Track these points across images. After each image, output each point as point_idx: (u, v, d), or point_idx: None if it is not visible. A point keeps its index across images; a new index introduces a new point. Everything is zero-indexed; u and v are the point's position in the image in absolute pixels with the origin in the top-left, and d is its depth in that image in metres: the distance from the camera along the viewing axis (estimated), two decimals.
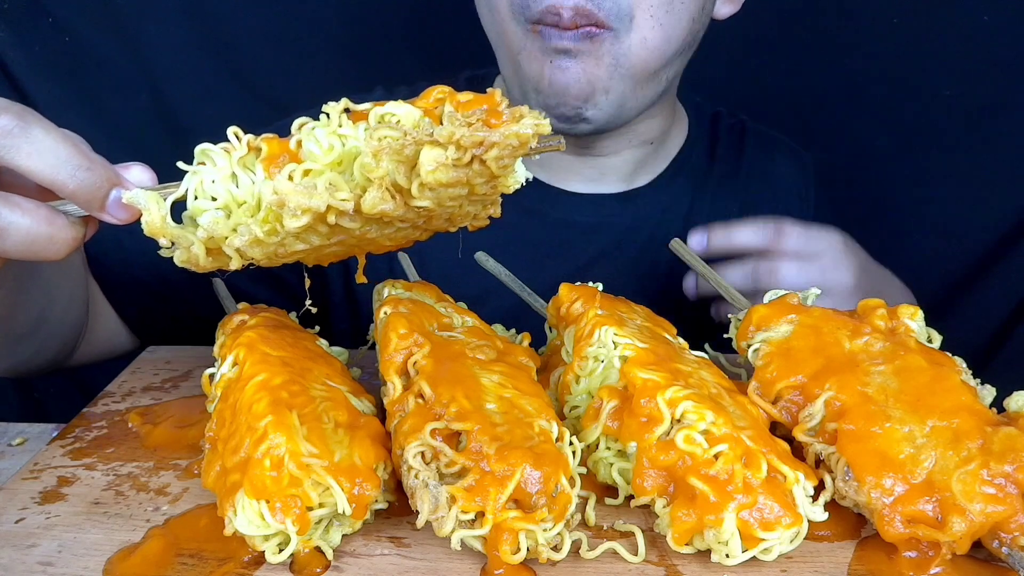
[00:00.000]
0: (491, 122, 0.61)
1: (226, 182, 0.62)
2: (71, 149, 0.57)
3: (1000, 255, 1.54)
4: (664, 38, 0.96)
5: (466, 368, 0.70)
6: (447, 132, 0.59)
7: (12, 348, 0.90)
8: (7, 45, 1.41)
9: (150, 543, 0.65)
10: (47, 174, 0.56)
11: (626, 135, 1.11)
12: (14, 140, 0.55)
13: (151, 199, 0.61)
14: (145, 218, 0.61)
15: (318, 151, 0.61)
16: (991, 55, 1.43)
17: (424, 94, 0.65)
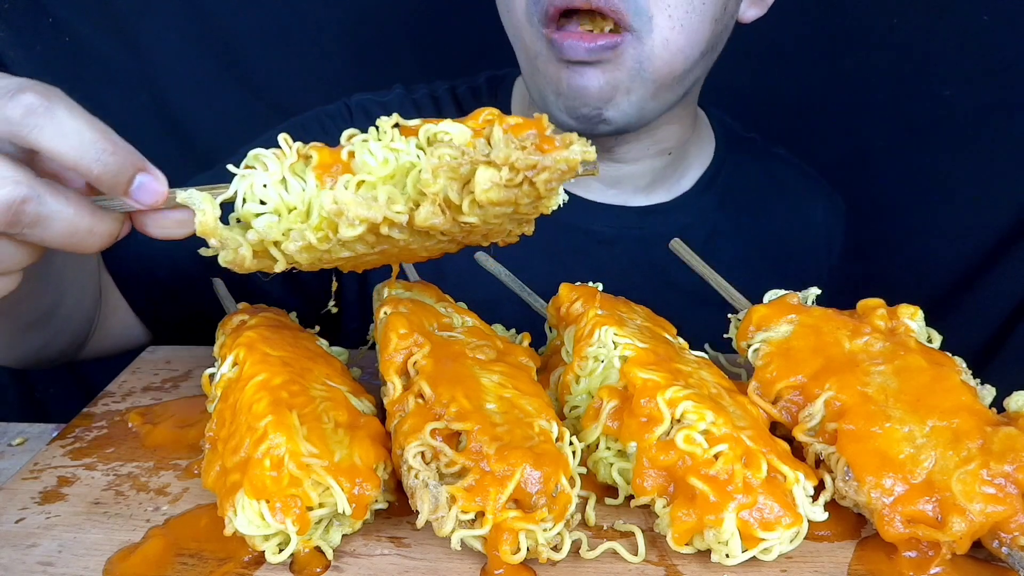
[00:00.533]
0: (543, 147, 0.64)
1: (277, 187, 0.62)
2: (96, 132, 0.56)
3: (1000, 255, 1.54)
4: (687, 40, 0.95)
5: (466, 368, 0.70)
6: (503, 154, 0.62)
7: (22, 337, 0.90)
8: (7, 45, 1.41)
9: (150, 543, 0.65)
10: (72, 156, 0.55)
11: (644, 141, 1.10)
12: (38, 120, 0.54)
13: (205, 200, 0.61)
14: (199, 218, 0.61)
15: (373, 164, 0.63)
16: (991, 55, 1.43)
17: (473, 115, 0.66)
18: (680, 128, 1.13)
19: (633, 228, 1.16)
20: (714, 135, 1.24)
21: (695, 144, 1.20)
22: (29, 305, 0.84)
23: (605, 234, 1.15)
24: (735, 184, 1.21)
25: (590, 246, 1.15)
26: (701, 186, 1.19)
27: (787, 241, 1.22)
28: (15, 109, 0.53)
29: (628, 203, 1.16)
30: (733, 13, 1.03)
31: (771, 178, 1.25)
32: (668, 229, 1.13)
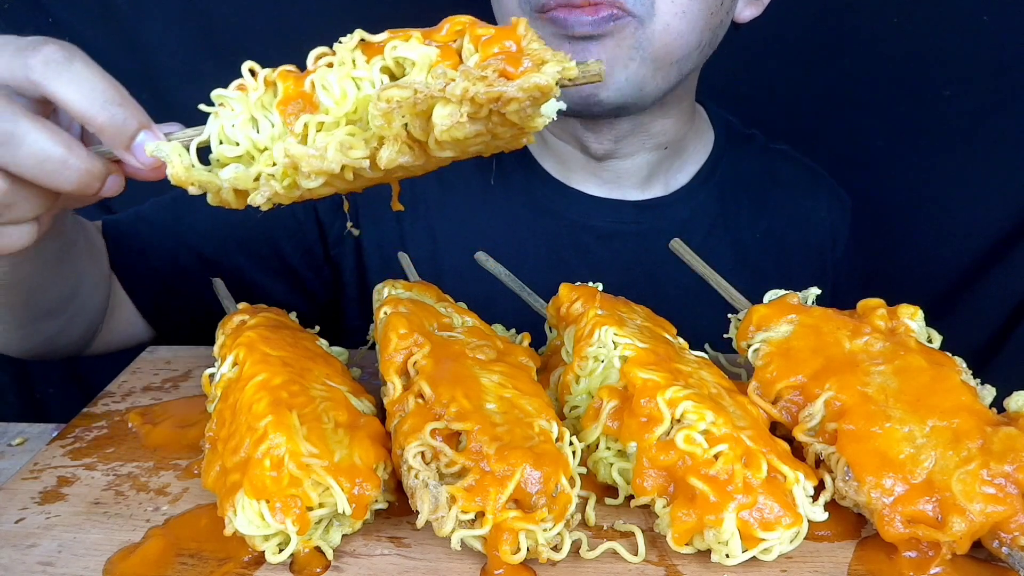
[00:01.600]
0: (510, 71, 0.56)
1: (245, 127, 0.60)
2: (108, 86, 0.59)
3: (1000, 255, 1.54)
4: (688, 26, 0.96)
5: (466, 368, 0.70)
6: (460, 89, 0.55)
7: (41, 324, 0.92)
8: None
9: (150, 543, 0.65)
10: (80, 105, 0.57)
11: (640, 136, 1.10)
12: (56, 69, 0.57)
13: (174, 151, 0.60)
14: (169, 170, 0.60)
15: (330, 103, 0.58)
16: (991, 55, 1.43)
17: (439, 26, 0.60)
18: (676, 122, 1.13)
19: (630, 223, 1.16)
20: (714, 131, 1.24)
21: (692, 139, 1.19)
22: (52, 290, 0.87)
23: (602, 229, 1.15)
24: (734, 179, 1.21)
25: (587, 241, 1.15)
26: (699, 180, 1.19)
27: (788, 237, 1.21)
28: (36, 59, 0.56)
29: (625, 197, 1.16)
30: (729, 10, 1.03)
31: (772, 174, 1.25)
32: (666, 224, 1.13)
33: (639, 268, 1.14)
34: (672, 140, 1.14)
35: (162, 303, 1.10)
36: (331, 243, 1.17)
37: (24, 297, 0.84)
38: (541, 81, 0.56)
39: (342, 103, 0.58)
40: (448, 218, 1.16)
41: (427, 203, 1.16)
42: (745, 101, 1.35)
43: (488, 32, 0.58)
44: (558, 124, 1.10)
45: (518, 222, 1.15)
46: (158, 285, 1.08)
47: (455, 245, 1.14)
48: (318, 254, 1.17)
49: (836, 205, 1.27)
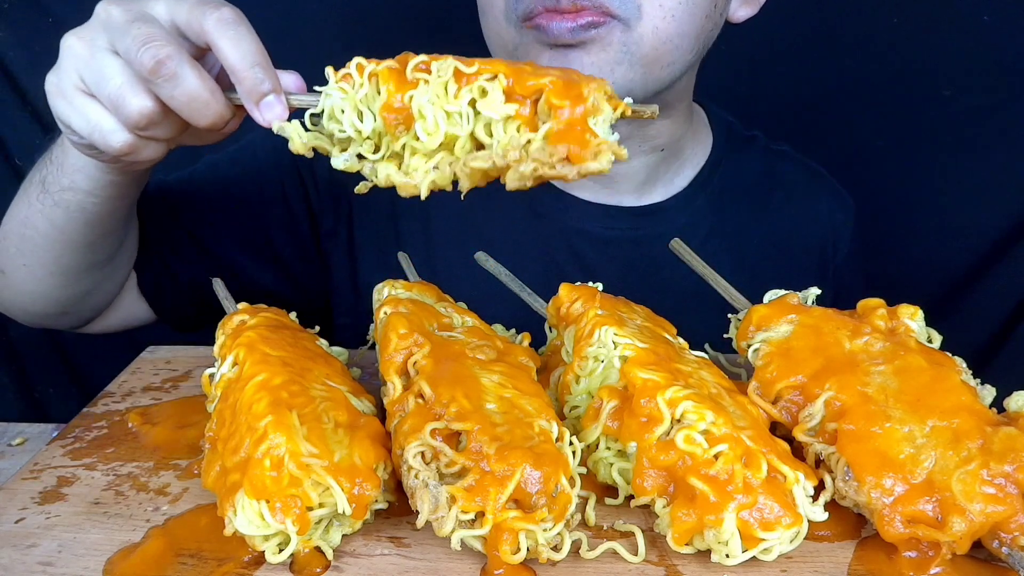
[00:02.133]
0: (572, 153, 0.67)
1: (352, 115, 0.70)
2: (258, 50, 0.70)
3: (1000, 255, 1.53)
4: (677, 30, 0.95)
5: (466, 368, 0.70)
6: (529, 169, 0.67)
7: (84, 276, 0.98)
8: (7, 45, 1.41)
9: (150, 543, 0.65)
10: (233, 59, 0.69)
11: (636, 139, 1.09)
12: (226, 28, 0.69)
13: (295, 130, 0.70)
14: (290, 144, 0.71)
15: (424, 135, 0.69)
16: (991, 55, 1.43)
17: (524, 77, 0.68)
18: (673, 123, 1.12)
19: (627, 229, 1.15)
20: (713, 133, 1.23)
21: (690, 141, 1.18)
22: (110, 238, 0.96)
23: (599, 235, 1.15)
24: (733, 182, 1.20)
25: (584, 247, 1.14)
26: (697, 185, 1.18)
27: (788, 239, 1.21)
28: (213, 15, 0.70)
29: (622, 203, 1.15)
30: (723, 11, 1.02)
31: (772, 175, 1.24)
32: (663, 230, 1.12)
33: (636, 274, 1.13)
34: (669, 142, 1.13)
35: (161, 283, 1.11)
36: (323, 235, 1.17)
37: (92, 238, 0.92)
38: (594, 168, 0.67)
39: (435, 136, 0.68)
40: (444, 219, 1.15)
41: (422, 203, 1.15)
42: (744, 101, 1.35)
43: (563, 102, 0.67)
44: None
45: (514, 227, 1.15)
46: (157, 262, 1.09)
47: (450, 247, 1.14)
48: (309, 246, 1.17)
49: (838, 207, 1.26)
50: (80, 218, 0.88)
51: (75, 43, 0.73)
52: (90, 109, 0.72)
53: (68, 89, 0.73)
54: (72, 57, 0.72)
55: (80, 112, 0.73)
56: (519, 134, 0.68)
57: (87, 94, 0.72)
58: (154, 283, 1.10)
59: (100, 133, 0.72)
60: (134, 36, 0.68)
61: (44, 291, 0.98)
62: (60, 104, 0.74)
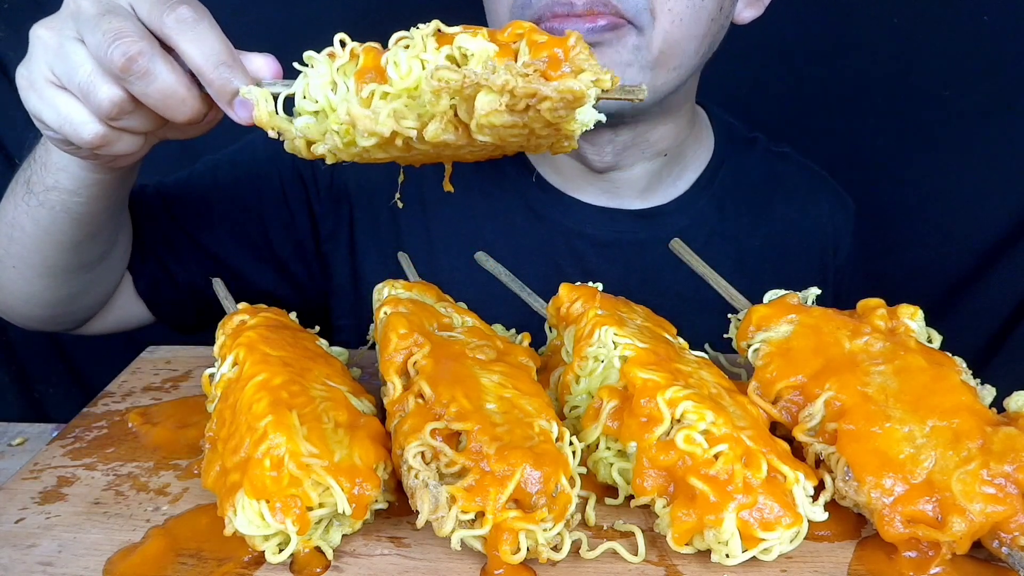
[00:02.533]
0: (550, 73, 0.63)
1: (325, 88, 0.67)
2: (222, 48, 0.69)
3: (1000, 255, 1.54)
4: (685, 34, 0.95)
5: (466, 368, 0.70)
6: (502, 80, 0.62)
7: (73, 277, 0.97)
8: (7, 45, 1.42)
9: (150, 543, 0.65)
10: (197, 61, 0.68)
11: (640, 145, 1.09)
12: (185, 27, 0.68)
13: (262, 95, 0.69)
14: (255, 112, 0.69)
15: (396, 76, 0.65)
16: (991, 55, 1.43)
17: (504, 28, 0.67)
18: (675, 127, 1.12)
19: (628, 232, 1.15)
20: (714, 135, 1.23)
21: (692, 144, 1.18)
22: (99, 238, 0.94)
23: (600, 238, 1.14)
24: (735, 184, 1.20)
25: (584, 250, 1.14)
26: (698, 188, 1.18)
27: (789, 241, 1.21)
28: (170, 16, 0.68)
29: (624, 206, 1.15)
30: (729, 14, 1.03)
31: (774, 177, 1.24)
32: (664, 232, 1.12)
33: (636, 277, 1.13)
34: (671, 146, 1.13)
35: (159, 283, 1.11)
36: (323, 238, 1.17)
37: (78, 239, 0.91)
38: (575, 86, 0.62)
39: (406, 78, 0.65)
40: (446, 220, 1.15)
41: (424, 204, 1.15)
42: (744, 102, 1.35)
43: (543, 38, 0.65)
44: None
45: (515, 228, 1.15)
46: (154, 264, 1.09)
47: (451, 247, 1.14)
48: (309, 249, 1.17)
49: (839, 209, 1.26)
50: (65, 218, 0.87)
51: (44, 33, 0.72)
52: (60, 100, 0.71)
53: (38, 81, 0.71)
54: (41, 48, 0.71)
55: (50, 104, 0.71)
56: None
57: (57, 86, 0.71)
58: (151, 285, 1.10)
59: (71, 125, 0.71)
60: (104, 31, 0.67)
61: (33, 293, 0.98)
62: (31, 97, 0.72)
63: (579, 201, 1.15)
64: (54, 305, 1.00)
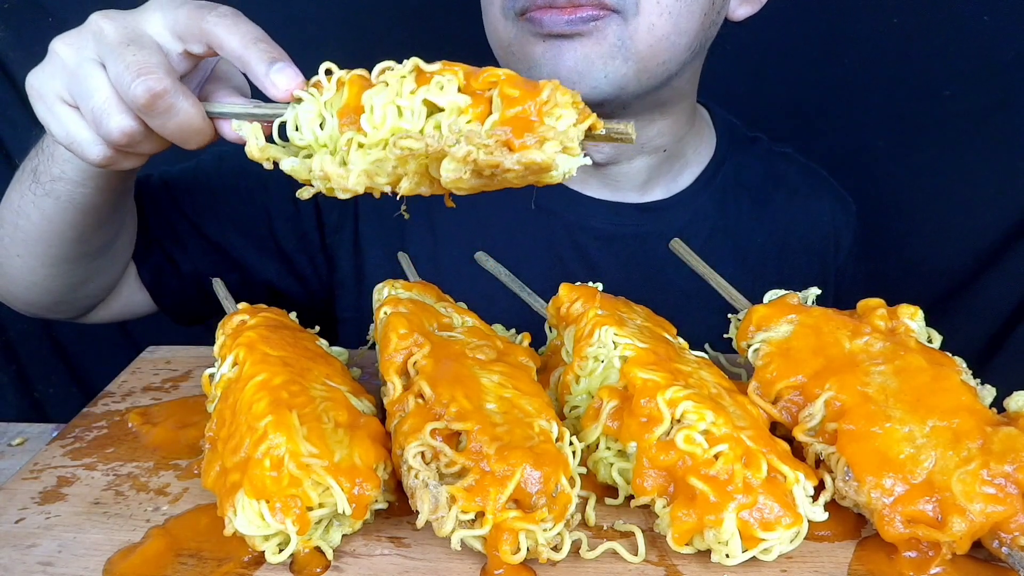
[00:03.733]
0: (514, 143, 0.62)
1: (314, 123, 0.67)
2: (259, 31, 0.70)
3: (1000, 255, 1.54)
4: (673, 27, 0.95)
5: (466, 368, 0.70)
6: (463, 152, 0.62)
7: (77, 265, 0.97)
8: (7, 45, 1.42)
9: (150, 543, 0.65)
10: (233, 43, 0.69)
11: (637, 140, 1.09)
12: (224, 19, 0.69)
13: (252, 131, 0.69)
14: (247, 146, 0.69)
15: (369, 128, 0.65)
16: (991, 55, 1.43)
17: (480, 73, 0.65)
18: (674, 124, 1.12)
19: (630, 225, 1.15)
20: (716, 134, 1.23)
21: (693, 142, 1.18)
22: (104, 227, 0.94)
23: (602, 231, 1.15)
24: (736, 182, 1.20)
25: (587, 243, 1.15)
26: (700, 184, 1.18)
27: (790, 241, 1.21)
28: (211, 15, 0.69)
29: (625, 200, 1.16)
30: (721, 9, 1.02)
31: (775, 177, 1.24)
32: (666, 227, 1.12)
33: (638, 270, 1.13)
34: (671, 142, 1.13)
35: (163, 273, 1.11)
36: (328, 232, 1.17)
37: (83, 228, 0.91)
38: (537, 158, 0.62)
39: (380, 128, 0.65)
40: (449, 214, 1.15)
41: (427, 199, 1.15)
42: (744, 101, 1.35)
43: (516, 92, 0.63)
44: None
45: (519, 222, 1.15)
46: (158, 253, 1.09)
47: (455, 243, 1.14)
48: (314, 241, 1.17)
49: (840, 209, 1.26)
50: (70, 208, 0.88)
51: (63, 50, 0.71)
52: (70, 119, 0.71)
53: (49, 95, 0.72)
54: (59, 64, 0.71)
55: (59, 120, 0.72)
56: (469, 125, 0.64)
57: (70, 105, 0.71)
58: (155, 274, 1.10)
59: (78, 144, 0.71)
60: (128, 63, 0.67)
61: (38, 281, 0.98)
62: (40, 108, 0.73)
63: (581, 194, 1.15)
64: (57, 293, 1.01)
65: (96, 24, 0.70)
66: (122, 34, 0.68)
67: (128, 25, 0.69)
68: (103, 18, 0.70)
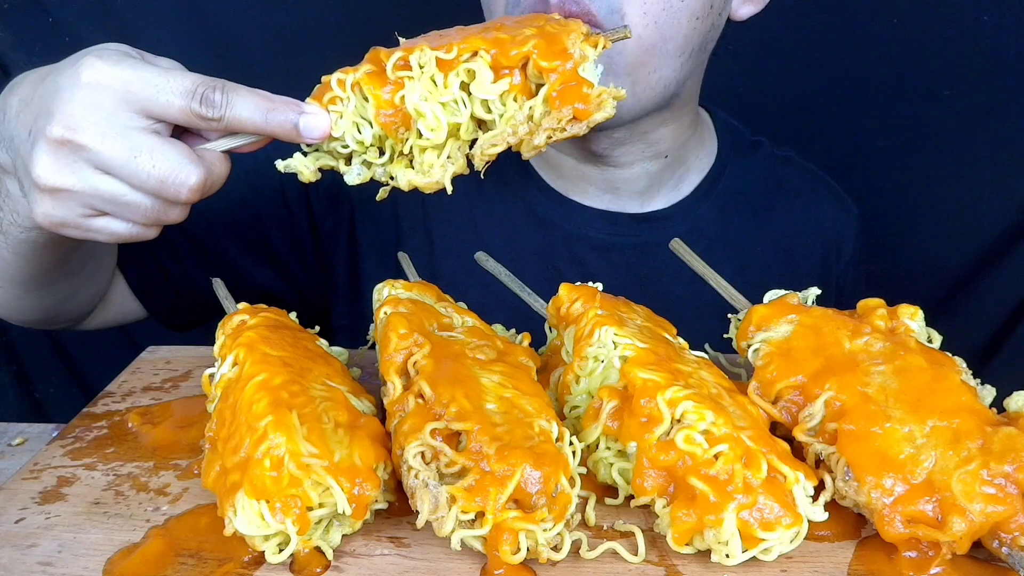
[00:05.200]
0: (579, 109, 0.71)
1: (351, 131, 0.73)
2: (260, 98, 0.72)
3: (1000, 255, 1.54)
4: (659, 36, 0.93)
5: (466, 368, 0.70)
6: (543, 139, 0.72)
7: (61, 284, 0.97)
8: (7, 45, 1.42)
9: (150, 543, 0.65)
10: (250, 124, 0.72)
11: (638, 144, 1.08)
12: (220, 108, 0.71)
13: (300, 163, 0.76)
14: (300, 178, 0.76)
15: (428, 132, 0.72)
16: (991, 55, 1.43)
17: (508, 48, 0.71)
18: (676, 129, 1.11)
19: (629, 236, 1.14)
20: (718, 139, 1.22)
21: (694, 147, 1.18)
22: (82, 248, 0.92)
23: (599, 241, 1.14)
24: (738, 190, 1.19)
25: (584, 253, 1.14)
26: (700, 192, 1.17)
27: (791, 246, 1.20)
28: (202, 109, 0.70)
29: (624, 209, 1.15)
30: (721, 11, 1.00)
31: (777, 182, 1.23)
32: (664, 237, 1.10)
33: (636, 281, 1.13)
34: (672, 148, 1.12)
35: (152, 279, 1.10)
36: (323, 239, 1.16)
37: (64, 253, 0.90)
38: (600, 117, 0.72)
39: (439, 130, 0.72)
40: (446, 221, 1.15)
41: (425, 206, 1.15)
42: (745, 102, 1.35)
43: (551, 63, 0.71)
44: None
45: (515, 231, 1.15)
46: (147, 260, 1.09)
47: (452, 250, 1.14)
48: (307, 248, 1.17)
49: (842, 213, 1.26)
50: (50, 245, 0.86)
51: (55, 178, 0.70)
52: (107, 224, 0.74)
53: (73, 219, 0.73)
54: (66, 196, 0.71)
55: (103, 231, 0.74)
56: (518, 104, 0.71)
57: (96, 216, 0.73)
58: (143, 280, 1.10)
59: (133, 236, 0.75)
60: (149, 176, 0.70)
61: (23, 304, 0.97)
62: (74, 233, 0.74)
63: (580, 204, 1.14)
64: (45, 310, 1.00)
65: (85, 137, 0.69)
66: (125, 147, 0.69)
67: (128, 142, 0.70)
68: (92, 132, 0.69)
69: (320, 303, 1.21)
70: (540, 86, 0.74)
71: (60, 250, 0.88)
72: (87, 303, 1.05)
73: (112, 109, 0.69)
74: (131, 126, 0.69)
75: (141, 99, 0.69)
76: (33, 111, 0.71)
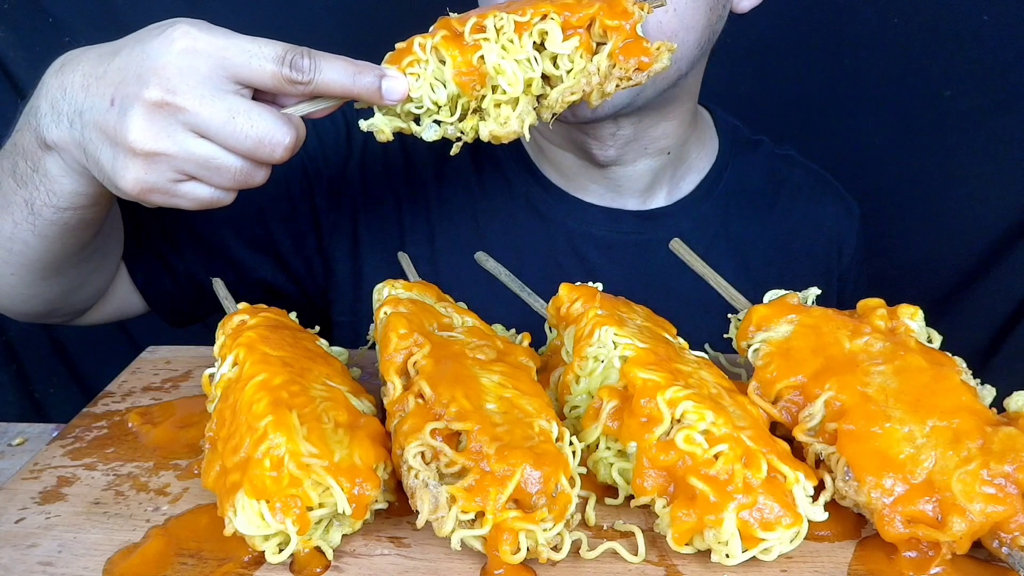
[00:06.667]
0: (643, 61, 0.81)
1: (427, 91, 0.79)
2: (344, 62, 0.75)
3: (1000, 255, 1.54)
4: (680, 24, 0.94)
5: (466, 368, 0.70)
6: (612, 87, 0.81)
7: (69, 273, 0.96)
8: (7, 45, 1.42)
9: (150, 543, 0.65)
10: (336, 87, 0.75)
11: (641, 141, 1.08)
12: (311, 72, 0.73)
13: (382, 123, 0.80)
14: (378, 136, 0.81)
15: (506, 86, 0.79)
16: (991, 55, 1.43)
17: (577, 13, 0.79)
18: (678, 125, 1.11)
19: (632, 233, 1.14)
20: (719, 137, 1.22)
21: (696, 145, 1.18)
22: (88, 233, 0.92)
23: (602, 238, 1.14)
24: (739, 189, 1.19)
25: (586, 250, 1.14)
26: (702, 191, 1.18)
27: (792, 245, 1.20)
28: (293, 74, 0.73)
29: (626, 207, 1.15)
30: (726, 3, 1.01)
31: (778, 181, 1.23)
32: (666, 234, 1.10)
33: (638, 278, 1.13)
34: (674, 145, 1.12)
35: (154, 274, 1.10)
36: (325, 234, 1.16)
37: (86, 239, 0.91)
38: (659, 68, 0.82)
39: (516, 85, 0.79)
40: (448, 218, 1.15)
41: (427, 201, 1.15)
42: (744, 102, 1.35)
43: (615, 21, 0.80)
44: (559, 133, 1.10)
45: (518, 227, 1.15)
46: (151, 254, 1.09)
47: (454, 246, 1.14)
48: (310, 243, 1.16)
49: (843, 213, 1.25)
50: (79, 227, 0.87)
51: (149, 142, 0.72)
52: (195, 189, 0.76)
53: (162, 185, 0.74)
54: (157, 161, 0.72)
55: (188, 197, 0.76)
56: (583, 60, 0.80)
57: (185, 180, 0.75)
58: (147, 274, 1.09)
59: (215, 201, 0.78)
60: (245, 138, 0.72)
61: (35, 292, 0.97)
62: (159, 199, 0.76)
63: (582, 201, 1.14)
64: (53, 301, 1.00)
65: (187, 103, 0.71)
66: (223, 111, 0.71)
67: (222, 106, 0.72)
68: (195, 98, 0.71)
69: (321, 298, 1.21)
70: (600, 44, 0.82)
71: (86, 233, 0.89)
72: (92, 294, 1.05)
73: (208, 73, 0.71)
74: (226, 90, 0.72)
75: (236, 64, 0.72)
76: (112, 80, 0.73)
